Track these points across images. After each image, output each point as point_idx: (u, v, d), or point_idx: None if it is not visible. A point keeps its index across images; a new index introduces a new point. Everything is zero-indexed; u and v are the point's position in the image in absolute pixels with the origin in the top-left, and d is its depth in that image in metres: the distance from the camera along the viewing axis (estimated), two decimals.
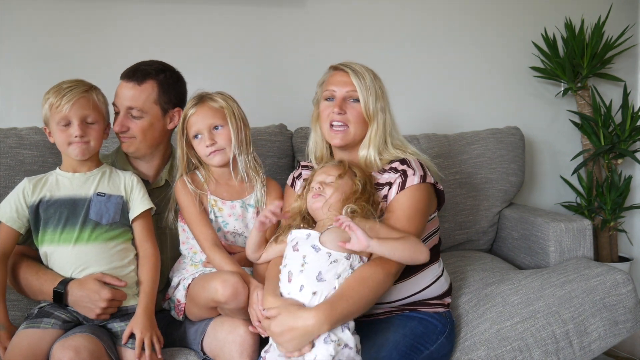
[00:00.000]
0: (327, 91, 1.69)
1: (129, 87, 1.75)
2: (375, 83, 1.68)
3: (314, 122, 1.76)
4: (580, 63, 2.74)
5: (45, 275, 1.57)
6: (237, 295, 1.49)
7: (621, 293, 1.81)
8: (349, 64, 1.69)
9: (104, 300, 1.52)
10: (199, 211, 1.68)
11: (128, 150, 1.79)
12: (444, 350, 1.68)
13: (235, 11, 2.53)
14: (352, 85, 1.66)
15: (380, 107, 1.67)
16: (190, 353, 1.64)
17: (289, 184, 1.81)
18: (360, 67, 1.69)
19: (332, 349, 1.39)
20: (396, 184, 1.62)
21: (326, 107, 1.69)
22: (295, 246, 1.51)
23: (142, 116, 1.76)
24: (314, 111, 1.76)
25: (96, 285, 1.52)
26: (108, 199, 1.61)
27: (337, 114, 1.65)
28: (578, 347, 1.76)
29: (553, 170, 2.94)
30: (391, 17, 2.70)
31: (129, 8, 2.42)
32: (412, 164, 1.64)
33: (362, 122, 1.67)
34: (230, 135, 1.69)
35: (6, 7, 2.31)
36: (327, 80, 1.71)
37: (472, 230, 2.44)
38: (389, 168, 1.66)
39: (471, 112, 2.80)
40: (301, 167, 1.83)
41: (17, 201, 1.58)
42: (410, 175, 1.61)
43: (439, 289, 1.74)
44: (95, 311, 1.53)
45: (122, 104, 1.76)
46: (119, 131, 1.76)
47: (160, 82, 1.79)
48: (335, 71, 1.71)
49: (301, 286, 1.45)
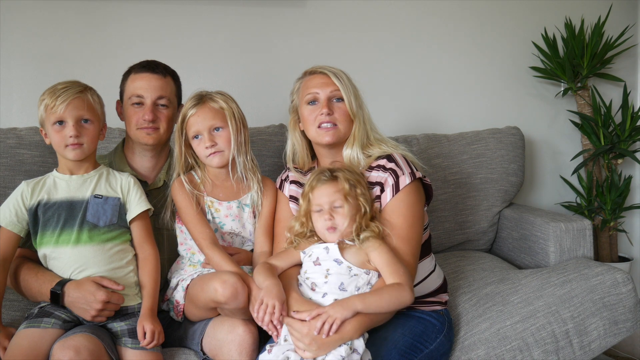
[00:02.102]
0: (309, 95, 1.71)
1: (156, 78, 1.79)
2: (352, 83, 1.72)
3: (291, 129, 1.78)
4: (580, 63, 2.74)
5: (44, 276, 1.57)
6: (237, 295, 1.48)
7: (621, 292, 1.81)
8: (324, 67, 1.73)
9: (99, 302, 1.51)
10: (196, 211, 1.68)
11: (148, 142, 1.80)
12: (443, 348, 1.69)
13: (236, 11, 2.53)
14: (334, 85, 1.69)
15: (359, 105, 1.71)
16: (190, 353, 1.64)
17: (278, 187, 1.82)
18: (336, 69, 1.73)
19: (343, 351, 1.42)
20: (389, 186, 1.64)
21: (311, 110, 1.70)
22: (316, 261, 1.55)
23: (169, 106, 1.81)
24: (292, 118, 1.79)
25: (93, 287, 1.52)
26: (105, 201, 1.61)
27: (326, 114, 1.67)
28: (578, 346, 1.76)
29: (553, 170, 2.94)
30: (391, 17, 2.70)
31: (129, 8, 2.43)
32: (399, 161, 1.67)
33: (348, 120, 1.70)
34: (230, 137, 1.69)
35: (6, 7, 2.32)
36: (304, 85, 1.74)
37: (472, 230, 2.44)
38: (377, 166, 1.68)
39: (471, 112, 2.80)
40: (287, 169, 1.83)
41: (17, 205, 1.58)
42: (401, 175, 1.64)
43: (433, 284, 1.75)
44: (90, 312, 1.52)
45: (151, 94, 1.78)
46: (151, 119, 1.77)
47: (175, 78, 1.86)
48: (312, 75, 1.74)
49: (324, 294, 1.50)
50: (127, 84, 1.81)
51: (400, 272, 1.51)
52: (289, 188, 1.78)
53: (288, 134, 1.81)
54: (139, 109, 1.78)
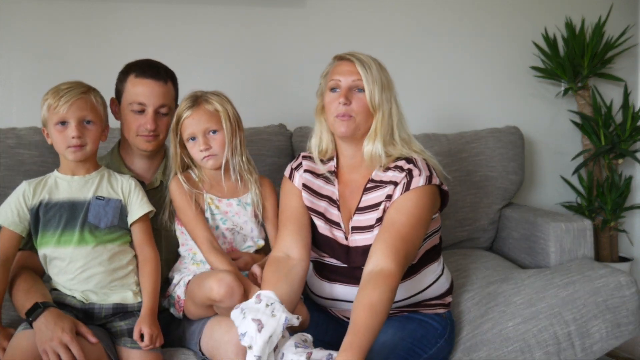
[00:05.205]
0: (332, 81, 1.63)
1: (158, 85, 1.75)
2: (382, 73, 1.63)
3: (318, 114, 1.71)
4: (580, 63, 2.74)
5: (36, 294, 1.54)
6: (232, 293, 1.48)
7: (624, 295, 1.80)
8: (354, 54, 1.65)
9: (58, 338, 1.41)
10: (195, 213, 1.68)
11: (148, 149, 1.79)
12: (443, 353, 1.67)
13: (236, 11, 2.52)
14: (358, 74, 1.60)
15: (386, 98, 1.61)
16: (189, 353, 1.63)
17: (287, 176, 1.76)
18: (366, 57, 1.64)
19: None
20: (401, 184, 1.58)
21: (332, 98, 1.63)
22: None
23: (169, 113, 1.78)
24: (318, 103, 1.70)
25: (69, 325, 1.45)
26: (107, 202, 1.61)
27: (342, 104, 1.59)
28: (580, 348, 1.75)
29: (553, 170, 2.93)
30: (390, 17, 2.70)
31: (129, 8, 2.42)
32: (419, 164, 1.60)
33: (367, 112, 1.61)
34: (224, 140, 1.68)
35: (6, 7, 2.31)
36: (331, 71, 1.66)
37: (472, 227, 2.44)
38: (394, 166, 1.62)
39: (471, 112, 2.80)
40: (302, 157, 1.77)
41: (18, 205, 1.58)
42: (416, 175, 1.57)
43: (440, 289, 1.73)
44: (45, 341, 1.41)
45: (153, 102, 1.74)
46: (153, 129, 1.75)
47: (174, 82, 1.83)
48: (340, 61, 1.66)
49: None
50: (126, 87, 1.77)
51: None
52: (302, 176, 1.72)
53: (314, 119, 1.73)
54: (139, 116, 1.75)
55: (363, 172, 1.68)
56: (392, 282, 1.43)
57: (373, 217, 1.62)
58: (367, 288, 1.42)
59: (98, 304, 1.57)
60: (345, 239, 1.67)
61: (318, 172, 1.72)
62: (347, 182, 1.70)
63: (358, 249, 1.64)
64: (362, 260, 1.56)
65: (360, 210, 1.65)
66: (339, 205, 1.69)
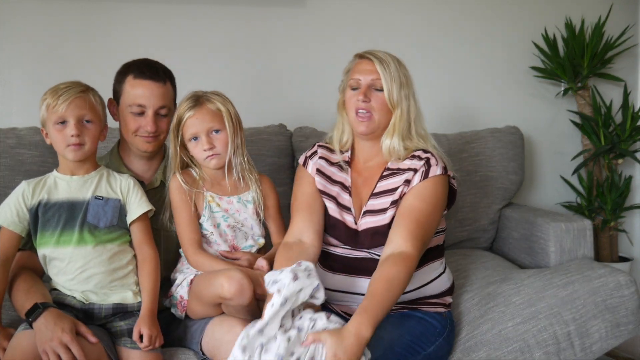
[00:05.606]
0: (352, 80, 1.69)
1: (158, 86, 1.74)
2: (400, 71, 1.69)
3: (340, 109, 1.77)
4: (580, 63, 2.74)
5: (36, 295, 1.54)
6: (243, 291, 1.48)
7: (624, 295, 1.80)
8: (373, 52, 1.71)
9: (58, 339, 1.41)
10: (189, 214, 1.68)
11: (148, 150, 1.78)
12: (442, 352, 1.68)
13: (235, 11, 2.53)
14: (377, 73, 1.66)
15: (405, 95, 1.67)
16: (189, 353, 1.63)
17: (301, 163, 1.80)
18: (384, 55, 1.70)
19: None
20: (419, 171, 1.63)
21: (352, 96, 1.69)
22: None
23: (168, 114, 1.77)
24: (340, 98, 1.76)
25: (69, 325, 1.45)
26: (106, 202, 1.61)
27: (361, 101, 1.65)
28: (579, 348, 1.76)
29: (553, 170, 2.93)
30: (390, 18, 2.70)
31: (130, 8, 2.42)
32: (435, 155, 1.67)
33: (386, 110, 1.67)
34: (227, 139, 1.69)
35: (6, 7, 2.31)
36: (352, 69, 1.72)
37: (472, 227, 2.44)
38: (411, 156, 1.68)
39: (471, 112, 2.80)
40: (317, 146, 1.81)
41: (18, 205, 1.58)
42: (434, 164, 1.63)
43: (441, 287, 1.74)
44: (45, 341, 1.41)
45: (153, 103, 1.74)
46: (152, 131, 1.74)
47: (172, 82, 1.82)
48: (361, 59, 1.72)
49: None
50: (125, 88, 1.76)
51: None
52: (317, 162, 1.76)
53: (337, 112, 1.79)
54: (139, 118, 1.74)
55: (379, 162, 1.73)
56: (411, 263, 1.51)
57: (388, 201, 1.67)
58: (386, 264, 1.50)
59: (98, 304, 1.57)
60: (355, 223, 1.71)
61: (333, 160, 1.77)
62: (360, 170, 1.76)
63: (368, 230, 1.68)
64: (369, 242, 1.66)
65: (375, 195, 1.70)
66: (351, 192, 1.73)
